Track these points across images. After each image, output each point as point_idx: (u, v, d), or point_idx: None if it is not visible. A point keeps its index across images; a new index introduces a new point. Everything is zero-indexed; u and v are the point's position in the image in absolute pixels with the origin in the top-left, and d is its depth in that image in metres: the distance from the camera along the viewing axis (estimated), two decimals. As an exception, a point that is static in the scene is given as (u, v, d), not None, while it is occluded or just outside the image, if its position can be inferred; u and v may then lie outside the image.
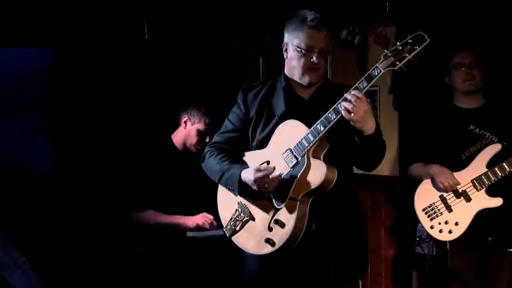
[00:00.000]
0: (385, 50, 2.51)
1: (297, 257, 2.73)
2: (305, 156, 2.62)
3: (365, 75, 2.52)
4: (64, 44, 4.04)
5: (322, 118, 2.58)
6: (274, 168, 2.68)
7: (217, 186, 2.95)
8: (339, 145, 2.65)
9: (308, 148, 2.61)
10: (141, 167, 3.72)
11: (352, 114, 2.50)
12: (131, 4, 4.23)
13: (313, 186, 2.59)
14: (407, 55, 2.45)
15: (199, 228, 3.68)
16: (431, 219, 3.41)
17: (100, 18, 4.15)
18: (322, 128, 2.58)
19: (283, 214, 2.66)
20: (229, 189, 2.83)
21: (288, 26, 2.79)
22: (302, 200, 2.62)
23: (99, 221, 3.91)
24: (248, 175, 2.70)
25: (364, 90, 2.52)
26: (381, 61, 2.49)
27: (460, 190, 3.38)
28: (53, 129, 4.04)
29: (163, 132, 3.92)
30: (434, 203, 3.43)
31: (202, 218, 3.69)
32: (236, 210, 2.85)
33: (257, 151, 2.84)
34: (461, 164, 3.41)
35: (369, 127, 2.56)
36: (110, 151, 4.05)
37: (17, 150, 3.98)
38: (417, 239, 3.82)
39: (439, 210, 3.42)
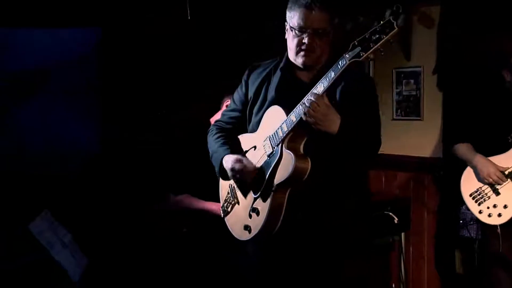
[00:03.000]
0: (355, 41, 2.33)
1: (287, 246, 2.67)
2: (279, 146, 2.54)
3: (333, 66, 2.37)
4: (108, 25, 4.04)
5: (295, 108, 2.47)
6: (251, 163, 2.64)
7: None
8: (320, 136, 2.49)
9: (282, 138, 2.53)
10: (181, 151, 3.72)
11: (309, 118, 2.40)
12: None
13: (283, 178, 2.50)
14: (373, 44, 2.25)
15: None
16: (479, 204, 3.39)
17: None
18: (294, 119, 2.48)
19: (259, 203, 2.61)
20: (216, 171, 2.82)
21: (288, 5, 2.65)
22: (277, 190, 2.54)
23: (143, 201, 3.89)
24: (227, 162, 2.69)
25: (330, 82, 2.37)
26: (348, 50, 2.32)
27: (506, 172, 3.32)
28: (102, 110, 4.06)
29: (203, 115, 3.89)
30: (480, 187, 3.41)
31: None
32: (228, 192, 2.84)
33: (249, 134, 2.78)
34: (507, 146, 3.36)
35: (331, 129, 2.42)
36: (154, 132, 4.05)
37: (66, 132, 3.98)
38: (461, 221, 3.76)
39: (486, 194, 3.39)
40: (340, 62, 2.35)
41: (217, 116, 3.72)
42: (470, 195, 3.42)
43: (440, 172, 4.19)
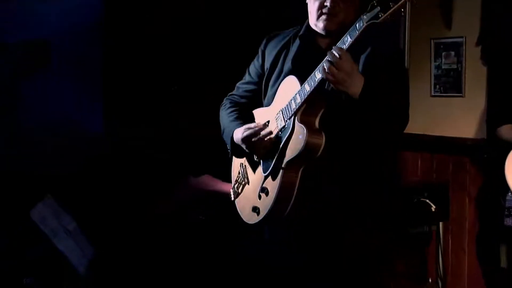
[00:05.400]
0: None
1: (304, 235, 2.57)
2: (291, 119, 2.46)
3: (350, 29, 2.28)
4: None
5: (310, 76, 2.39)
6: (264, 127, 2.57)
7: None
8: (339, 108, 2.41)
9: (295, 110, 2.44)
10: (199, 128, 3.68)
11: (330, 76, 2.29)
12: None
13: (294, 154, 2.41)
14: (393, 4, 2.16)
15: None
16: (525, 191, 3.23)
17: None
18: (308, 88, 2.39)
19: (269, 182, 2.53)
20: (227, 148, 2.74)
21: None
22: (288, 168, 2.44)
23: (154, 184, 3.86)
24: (237, 134, 2.63)
25: (346, 47, 2.28)
26: (367, 11, 2.23)
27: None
28: (106, 86, 4.01)
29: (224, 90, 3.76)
30: (527, 172, 3.26)
31: None
32: (239, 172, 2.77)
33: (263, 108, 2.70)
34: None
35: (353, 90, 2.31)
36: (166, 110, 4.01)
37: (70, 108, 3.95)
38: (506, 210, 3.53)
39: (533, 179, 3.25)
40: (357, 25, 2.26)
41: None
42: (515, 179, 3.25)
43: (483, 155, 3.97)
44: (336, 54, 2.26)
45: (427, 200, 3.88)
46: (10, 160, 3.66)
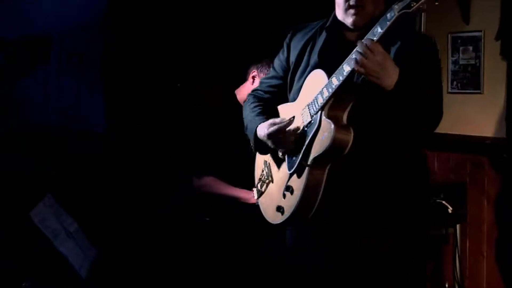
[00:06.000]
0: None
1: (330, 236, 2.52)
2: (318, 114, 2.40)
3: (381, 19, 2.22)
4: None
5: (338, 69, 2.33)
6: (290, 123, 2.50)
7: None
8: (370, 103, 2.34)
9: (322, 104, 2.38)
10: (202, 127, 3.62)
11: (361, 68, 2.22)
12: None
13: (321, 151, 2.35)
14: None
15: None
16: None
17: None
18: (336, 82, 2.32)
19: (294, 180, 2.49)
20: (250, 144, 2.69)
21: None
22: (314, 165, 2.39)
23: (156, 185, 3.85)
24: (262, 129, 2.56)
25: (377, 38, 2.22)
26: (398, 0, 2.17)
27: None
28: (109, 83, 4.00)
29: (228, 87, 3.79)
30: (548, 172, 3.27)
31: None
32: (263, 169, 2.72)
33: (289, 103, 2.64)
34: None
35: (387, 82, 2.24)
36: (169, 107, 3.98)
37: (72, 105, 3.99)
38: None
39: (554, 180, 3.25)
40: (388, 15, 2.18)
41: (243, 87, 3.72)
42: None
43: (502, 154, 3.93)
44: (367, 46, 2.20)
45: (444, 201, 3.82)
46: (10, 160, 3.66)
